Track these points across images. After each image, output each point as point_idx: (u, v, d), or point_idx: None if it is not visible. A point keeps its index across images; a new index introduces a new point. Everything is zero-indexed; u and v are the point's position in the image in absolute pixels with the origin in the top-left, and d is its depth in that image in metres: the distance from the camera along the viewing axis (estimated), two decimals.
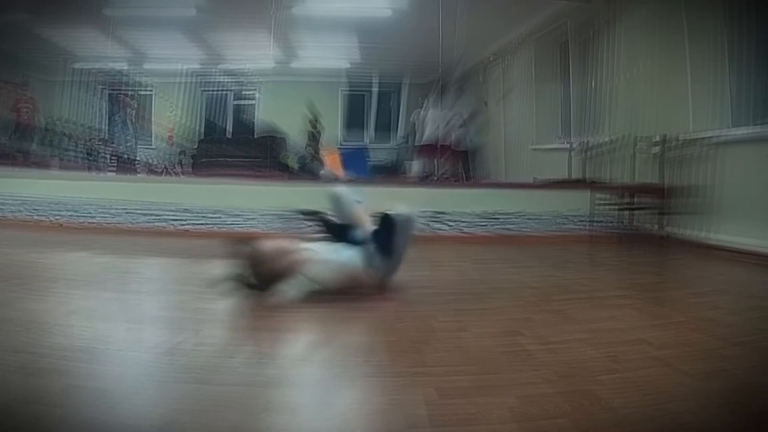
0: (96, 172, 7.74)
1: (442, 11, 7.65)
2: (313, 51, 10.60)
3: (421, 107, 9.04)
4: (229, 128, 11.27)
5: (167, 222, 5.90)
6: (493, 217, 5.91)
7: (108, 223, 5.94)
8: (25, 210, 6.05)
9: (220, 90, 11.05)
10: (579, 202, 5.94)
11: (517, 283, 3.64)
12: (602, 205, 5.73)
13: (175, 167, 8.99)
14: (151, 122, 10.13)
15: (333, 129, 10.82)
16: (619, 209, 5.64)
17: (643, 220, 5.68)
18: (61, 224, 5.95)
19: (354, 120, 11.78)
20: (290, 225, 3.41)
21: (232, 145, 9.80)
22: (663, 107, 5.71)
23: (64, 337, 2.16)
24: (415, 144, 9.06)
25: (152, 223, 5.91)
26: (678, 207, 5.33)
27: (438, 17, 7.68)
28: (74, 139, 9.08)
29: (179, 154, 9.64)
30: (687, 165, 5.28)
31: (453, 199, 5.99)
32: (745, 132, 4.72)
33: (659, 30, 5.77)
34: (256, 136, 10.14)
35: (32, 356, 1.91)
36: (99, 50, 9.33)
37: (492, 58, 10.15)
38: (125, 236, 5.63)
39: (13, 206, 6.09)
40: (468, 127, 8.70)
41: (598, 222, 5.86)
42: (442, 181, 7.82)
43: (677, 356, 2.03)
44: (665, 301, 3.18)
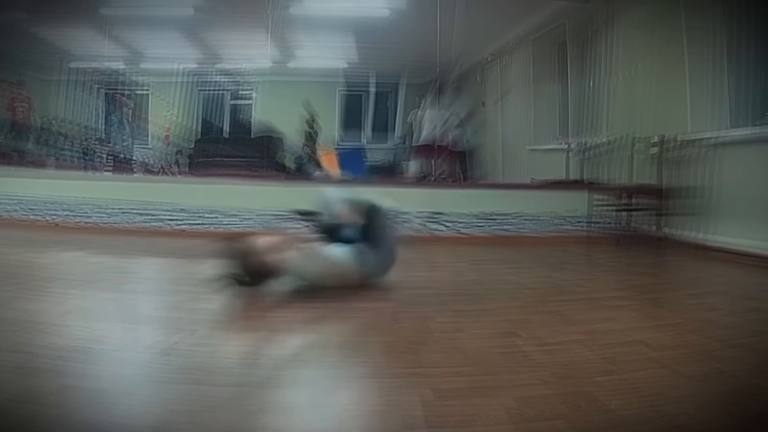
0: (92, 171, 7.71)
1: (440, 11, 7.65)
2: (310, 51, 10.59)
3: (419, 107, 9.03)
4: (226, 128, 11.25)
5: (164, 222, 5.89)
6: (490, 217, 5.91)
7: (104, 222, 5.92)
8: (20, 209, 6.03)
9: (217, 89, 11.03)
10: (577, 203, 5.94)
11: (515, 284, 3.64)
12: (600, 206, 5.73)
13: (171, 167, 8.96)
14: (147, 122, 10.10)
15: (330, 129, 10.82)
16: (616, 210, 5.63)
17: (641, 221, 5.68)
18: (57, 224, 5.93)
19: (351, 120, 11.78)
20: (287, 224, 3.40)
21: (229, 144, 9.78)
22: (661, 108, 5.71)
23: (60, 337, 2.16)
24: (413, 144, 9.06)
25: (149, 222, 5.89)
26: (676, 208, 5.33)
27: (436, 17, 7.68)
28: (70, 138, 9.07)
29: (176, 153, 9.60)
30: (685, 166, 5.28)
31: (450, 200, 5.98)
32: (743, 133, 4.72)
33: (658, 30, 5.77)
34: (253, 135, 10.13)
35: (28, 356, 1.91)
36: (96, 49, 9.31)
37: (490, 59, 10.16)
38: (121, 236, 5.62)
39: (9, 206, 6.07)
40: (465, 127, 8.70)
41: (596, 223, 5.87)
42: (439, 181, 7.82)
43: (675, 358, 2.03)
44: (663, 303, 3.17)
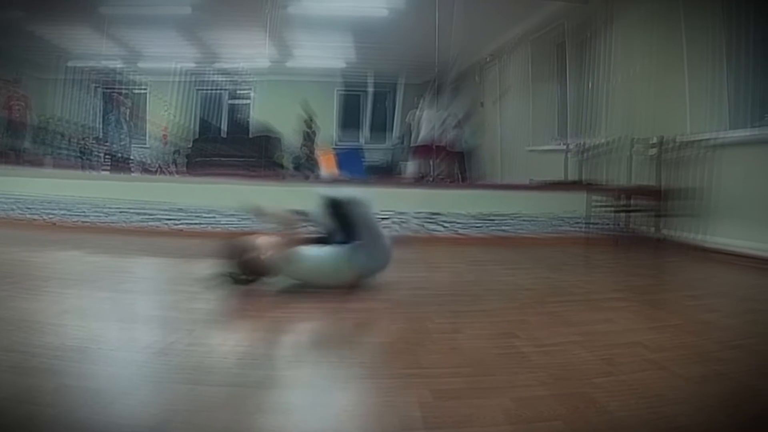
0: (90, 170, 7.70)
1: (438, 11, 7.64)
2: (308, 50, 10.57)
3: (417, 108, 9.02)
4: (224, 127, 11.25)
5: (161, 221, 5.88)
6: (488, 218, 5.91)
7: (101, 222, 5.91)
8: (17, 208, 6.02)
9: (215, 89, 11.02)
10: (575, 204, 5.94)
11: (513, 285, 3.63)
12: (598, 207, 5.72)
13: (169, 166, 8.94)
14: (145, 121, 10.08)
15: (328, 129, 10.81)
16: (615, 211, 5.63)
17: (640, 223, 5.67)
18: (54, 223, 5.92)
19: (349, 120, 11.77)
20: (284, 224, 3.39)
21: (227, 144, 9.78)
22: (660, 109, 5.71)
23: (57, 336, 2.15)
24: (411, 144, 9.05)
25: (146, 222, 5.88)
26: (675, 209, 5.33)
27: (435, 17, 7.66)
28: (67, 137, 9.05)
29: (174, 153, 9.60)
30: (684, 167, 5.28)
31: (448, 200, 5.97)
32: (742, 134, 4.72)
33: (657, 30, 5.76)
34: (251, 135, 10.13)
35: (24, 355, 1.91)
36: (93, 48, 9.29)
37: (489, 59, 10.16)
38: (119, 235, 5.61)
39: (6, 204, 6.05)
40: (463, 127, 8.70)
41: (594, 224, 5.87)
42: (437, 182, 7.81)
43: (673, 359, 2.03)
44: (661, 304, 3.17)
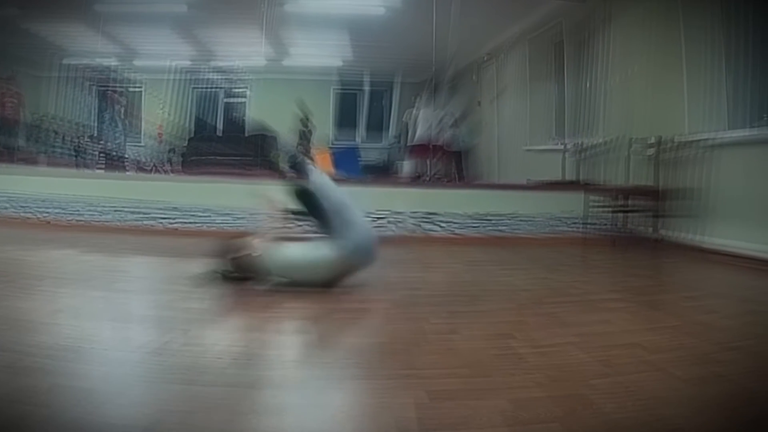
0: (84, 169, 7.68)
1: (436, 10, 7.62)
2: (305, 48, 10.58)
3: (414, 106, 9.01)
4: (220, 126, 11.23)
5: (156, 220, 5.86)
6: (485, 218, 5.90)
7: (96, 220, 5.88)
8: (11, 207, 5.99)
9: (210, 87, 11.00)
10: (572, 204, 5.94)
11: (510, 286, 3.64)
12: (596, 207, 5.73)
13: (164, 165, 8.94)
14: (140, 119, 10.07)
15: (324, 128, 10.78)
16: (613, 211, 5.64)
17: (638, 223, 5.67)
18: (48, 221, 5.90)
19: (345, 119, 11.76)
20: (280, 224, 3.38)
21: (223, 143, 9.77)
22: (658, 108, 5.71)
23: (50, 335, 2.15)
24: (407, 144, 9.04)
25: (141, 221, 5.86)
26: (672, 210, 5.33)
27: (432, 16, 7.65)
28: (62, 135, 9.02)
29: (169, 151, 9.58)
30: (682, 167, 5.28)
31: (445, 200, 5.97)
32: (741, 134, 4.72)
33: (655, 29, 5.75)
34: (246, 134, 10.12)
35: (18, 355, 1.90)
36: (88, 46, 9.27)
37: (486, 58, 10.16)
38: (113, 234, 5.59)
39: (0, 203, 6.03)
40: (460, 126, 8.70)
41: (592, 224, 5.87)
42: (434, 181, 7.81)
43: (671, 361, 2.02)
44: (659, 305, 3.17)
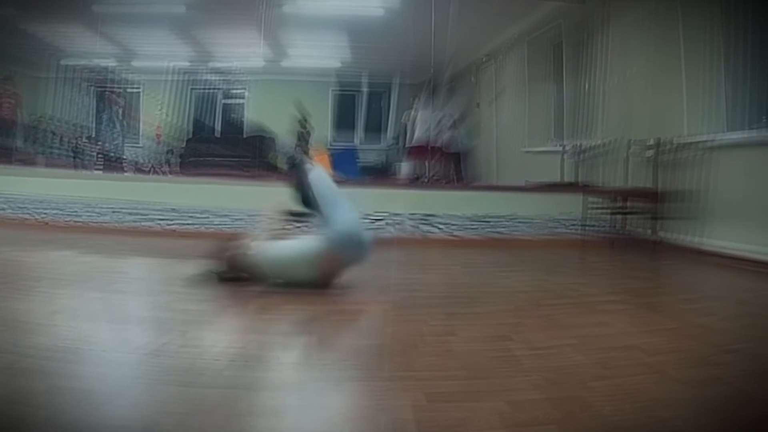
0: (82, 170, 7.67)
1: (434, 11, 7.61)
2: (303, 50, 10.57)
3: (412, 108, 9.01)
4: (218, 127, 11.22)
5: (154, 221, 5.86)
6: (483, 220, 5.90)
7: (94, 222, 5.88)
8: (9, 208, 5.98)
9: (209, 88, 10.99)
10: (571, 206, 5.94)
11: (508, 288, 3.64)
12: (595, 208, 5.73)
13: (162, 166, 8.93)
14: (138, 120, 10.06)
15: (323, 129, 10.78)
16: (611, 213, 5.65)
17: (636, 225, 5.68)
18: (46, 222, 5.89)
19: (344, 120, 11.76)
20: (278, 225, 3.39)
21: (221, 144, 9.77)
22: (657, 110, 5.71)
23: (48, 337, 2.14)
24: (406, 145, 9.04)
25: (139, 222, 5.86)
26: (671, 211, 5.33)
27: (431, 17, 7.64)
28: (58, 135, 9.00)
29: (167, 153, 9.56)
30: (681, 169, 5.27)
31: (443, 202, 5.97)
32: (740, 136, 4.73)
33: (654, 31, 5.75)
34: (244, 135, 10.12)
35: (15, 356, 1.90)
36: (87, 47, 9.28)
37: (485, 59, 10.16)
38: (111, 235, 5.59)
39: None
40: (459, 128, 8.70)
41: (591, 226, 5.87)
42: (432, 183, 7.81)
43: (669, 363, 2.02)
44: (657, 307, 3.17)
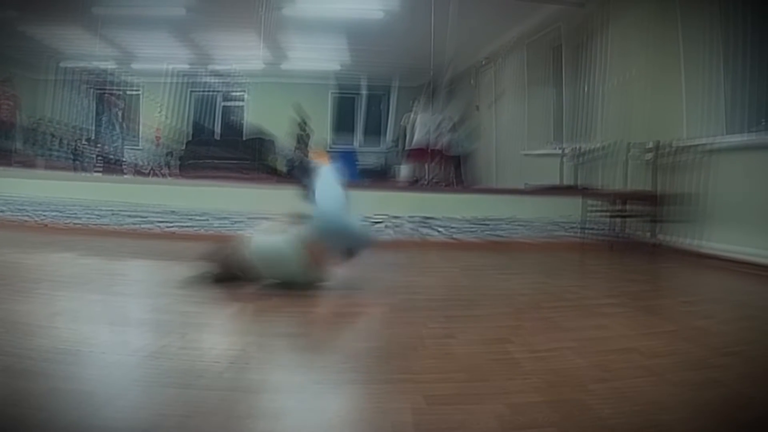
0: (82, 172, 7.67)
1: (434, 14, 7.62)
2: (302, 53, 10.59)
3: (411, 111, 9.02)
4: (218, 130, 11.24)
5: (154, 224, 5.86)
6: (483, 222, 5.90)
7: (94, 224, 5.88)
8: (8, 209, 5.98)
9: (208, 91, 11.01)
10: (570, 209, 5.95)
11: (507, 290, 3.64)
12: (594, 211, 5.74)
13: (162, 168, 8.93)
14: (138, 123, 10.06)
15: (322, 132, 10.80)
16: (610, 216, 5.65)
17: (635, 228, 5.68)
18: (46, 224, 5.90)
19: (343, 123, 11.79)
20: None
21: (220, 147, 9.78)
22: (656, 113, 5.72)
23: (48, 338, 2.14)
24: (405, 148, 9.05)
25: (138, 224, 5.86)
26: (670, 214, 5.34)
27: (430, 20, 7.65)
28: (58, 137, 9.00)
29: (166, 155, 9.57)
30: (680, 172, 5.28)
31: (443, 204, 5.98)
32: (739, 140, 4.74)
33: (653, 34, 5.77)
34: (244, 138, 10.13)
35: (15, 358, 1.89)
36: (86, 49, 9.29)
37: (484, 62, 10.17)
38: (111, 237, 5.59)
39: None
40: (458, 131, 8.71)
41: (590, 229, 5.88)
42: (431, 185, 7.81)
43: (668, 366, 2.02)
44: (656, 310, 3.17)
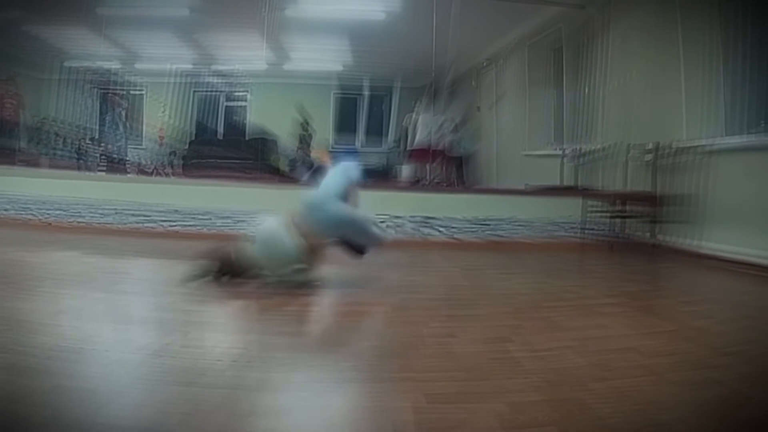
0: (86, 171, 7.68)
1: (436, 15, 7.61)
2: (305, 53, 10.59)
3: (413, 111, 9.02)
4: (220, 130, 11.24)
5: (157, 223, 5.87)
6: (484, 222, 5.91)
7: (97, 222, 5.89)
8: (12, 208, 6.00)
9: (211, 91, 11.01)
10: (570, 209, 5.95)
11: (507, 290, 3.64)
12: (594, 212, 5.74)
13: (165, 168, 8.93)
14: (141, 122, 10.06)
15: (324, 132, 10.81)
16: (610, 217, 5.65)
17: (635, 228, 5.68)
18: (49, 223, 5.91)
19: (345, 123, 11.79)
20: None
21: (223, 146, 9.77)
22: (656, 114, 5.72)
23: (52, 336, 2.14)
24: (407, 148, 9.05)
25: (142, 223, 5.87)
26: (670, 215, 5.34)
27: (432, 21, 7.64)
28: (62, 136, 9.02)
29: (170, 154, 9.57)
30: (680, 173, 5.29)
31: (444, 204, 5.98)
32: (738, 141, 4.74)
33: (654, 36, 5.77)
34: (247, 138, 10.13)
35: (19, 356, 1.90)
36: (90, 49, 9.28)
37: (485, 63, 10.17)
38: (114, 236, 5.59)
39: (0, 204, 6.05)
40: (460, 132, 8.71)
41: (590, 229, 5.88)
42: (433, 185, 7.81)
43: (667, 365, 2.03)
44: (656, 310, 3.17)
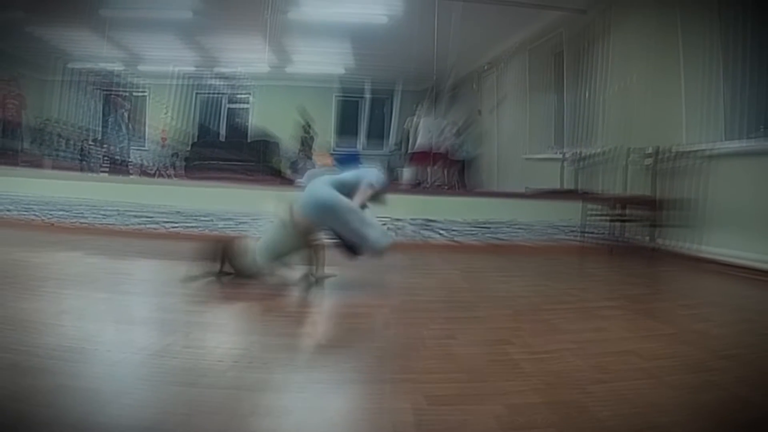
0: (88, 172, 7.69)
1: (437, 19, 7.62)
2: (307, 56, 10.59)
3: (414, 114, 9.03)
4: (223, 132, 11.24)
5: (159, 224, 5.88)
6: (484, 225, 5.91)
7: (100, 223, 5.90)
8: (15, 209, 6.01)
9: (214, 93, 11.01)
10: (570, 213, 5.95)
11: (507, 293, 3.64)
12: (594, 215, 5.74)
13: (167, 169, 8.93)
14: (144, 124, 10.06)
15: (326, 135, 10.81)
16: (610, 220, 5.65)
17: (635, 232, 5.69)
18: (52, 224, 5.92)
19: (347, 126, 11.79)
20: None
21: (225, 148, 9.75)
22: (656, 118, 5.73)
23: (54, 336, 2.15)
24: (408, 151, 9.06)
25: (144, 224, 5.88)
26: (669, 219, 5.34)
27: (433, 25, 7.65)
28: (65, 137, 9.03)
29: (172, 156, 9.56)
30: (679, 177, 5.29)
31: (444, 207, 5.98)
32: (737, 145, 4.75)
33: (654, 40, 5.78)
34: (249, 140, 10.13)
35: (22, 355, 1.91)
36: (93, 50, 9.29)
37: (486, 67, 10.17)
38: (117, 237, 5.60)
39: (2, 205, 6.05)
40: (463, 136, 8.72)
41: (590, 233, 5.87)
42: (434, 188, 7.81)
43: (666, 368, 2.04)
44: (655, 313, 3.17)
